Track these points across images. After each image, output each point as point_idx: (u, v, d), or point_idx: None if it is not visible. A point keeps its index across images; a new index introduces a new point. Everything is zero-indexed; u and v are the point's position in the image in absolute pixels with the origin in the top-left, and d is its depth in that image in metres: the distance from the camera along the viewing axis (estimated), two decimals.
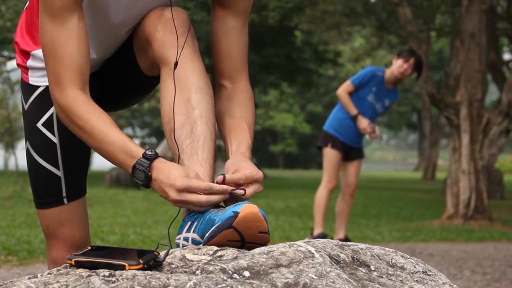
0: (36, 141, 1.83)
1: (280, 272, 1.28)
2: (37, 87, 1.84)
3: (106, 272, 1.25)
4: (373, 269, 1.41)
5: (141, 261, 1.27)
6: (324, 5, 16.69)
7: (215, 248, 1.38)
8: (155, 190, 1.51)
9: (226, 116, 1.72)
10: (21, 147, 16.99)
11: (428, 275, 1.43)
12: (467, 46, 8.94)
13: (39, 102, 1.83)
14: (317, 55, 20.48)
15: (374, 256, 1.45)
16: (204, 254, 1.35)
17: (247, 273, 1.27)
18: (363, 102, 5.67)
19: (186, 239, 1.49)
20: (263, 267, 1.29)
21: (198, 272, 1.28)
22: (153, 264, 1.29)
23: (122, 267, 1.26)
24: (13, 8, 13.52)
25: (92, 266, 1.28)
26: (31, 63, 1.83)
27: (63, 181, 1.84)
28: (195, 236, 1.47)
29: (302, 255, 1.34)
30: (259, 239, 1.42)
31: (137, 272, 1.24)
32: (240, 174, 1.51)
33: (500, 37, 17.82)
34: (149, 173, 1.49)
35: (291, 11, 17.58)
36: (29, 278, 1.28)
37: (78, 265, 1.30)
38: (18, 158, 12.60)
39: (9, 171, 17.66)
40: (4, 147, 22.02)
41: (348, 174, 5.82)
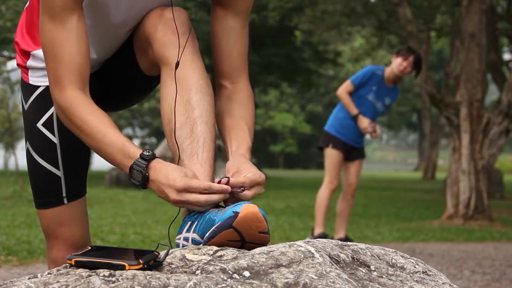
0: (36, 141, 1.83)
1: (280, 272, 1.28)
2: (37, 87, 1.84)
3: (106, 272, 1.25)
4: (373, 269, 1.41)
5: (141, 261, 1.27)
6: (324, 5, 16.69)
7: (215, 248, 1.38)
8: (153, 191, 1.51)
9: (226, 116, 1.72)
10: (21, 147, 16.98)
11: (428, 275, 1.43)
12: (467, 46, 8.94)
13: (39, 102, 1.83)
14: (317, 55, 20.48)
15: (374, 256, 1.45)
16: (204, 254, 1.35)
17: (247, 273, 1.27)
18: (364, 102, 5.67)
19: (186, 239, 1.49)
20: (263, 267, 1.29)
21: (198, 272, 1.28)
22: (153, 264, 1.29)
23: (122, 267, 1.26)
24: (13, 8, 13.51)
25: (92, 266, 1.28)
26: (31, 63, 1.83)
27: (63, 181, 1.84)
28: (195, 236, 1.47)
29: (302, 255, 1.34)
30: (259, 239, 1.42)
31: (137, 272, 1.24)
32: (244, 178, 1.51)
33: (500, 37, 17.82)
34: (146, 174, 1.48)
35: (291, 11, 17.57)
36: (29, 278, 1.28)
37: (78, 265, 1.30)
38: (18, 158, 12.60)
39: (9, 171, 17.66)
40: (4, 147, 22.03)
41: (350, 174, 5.82)
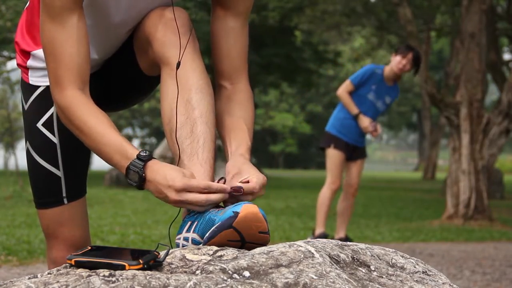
0: (36, 141, 1.83)
1: (280, 272, 1.28)
2: (37, 87, 1.84)
3: (106, 272, 1.25)
4: (373, 269, 1.41)
5: (141, 261, 1.27)
6: (324, 5, 16.68)
7: (215, 248, 1.38)
8: (150, 192, 1.50)
9: (225, 117, 1.71)
10: (21, 147, 16.99)
11: (428, 275, 1.43)
12: (467, 46, 8.94)
13: (39, 102, 1.83)
14: (317, 55, 20.48)
15: (374, 256, 1.45)
16: (204, 254, 1.35)
17: (247, 273, 1.27)
18: (364, 101, 5.67)
19: (186, 239, 1.49)
20: (263, 267, 1.29)
21: (198, 272, 1.28)
22: (153, 264, 1.29)
23: (122, 267, 1.26)
24: (13, 8, 13.51)
25: (92, 266, 1.28)
26: (32, 63, 1.83)
27: (63, 181, 1.84)
28: (195, 236, 1.47)
29: (302, 255, 1.34)
30: (259, 239, 1.42)
31: (137, 272, 1.24)
32: (254, 183, 1.51)
33: (500, 37, 17.81)
34: (143, 174, 1.48)
35: (291, 11, 17.57)
36: (29, 278, 1.28)
37: (78, 265, 1.30)
38: (18, 158, 12.60)
39: (9, 171, 17.68)
40: (4, 147, 22.03)
41: (351, 174, 5.81)
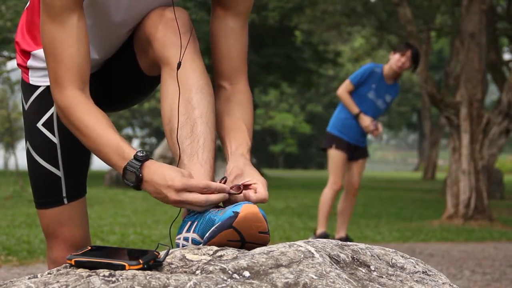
0: (36, 141, 1.83)
1: (280, 272, 1.28)
2: (38, 87, 1.83)
3: (106, 272, 1.25)
4: (373, 269, 1.41)
5: (141, 261, 1.27)
6: (324, 5, 16.68)
7: (215, 248, 1.38)
8: (148, 192, 1.50)
9: (225, 117, 1.71)
10: (21, 147, 16.98)
11: (428, 275, 1.43)
12: (467, 46, 8.94)
13: (39, 102, 1.83)
14: (317, 55, 20.48)
15: (374, 256, 1.45)
16: (204, 254, 1.35)
17: (247, 273, 1.27)
18: (364, 100, 5.66)
19: (186, 239, 1.49)
20: (263, 267, 1.29)
21: (198, 272, 1.28)
22: (153, 264, 1.29)
23: (122, 267, 1.26)
24: (13, 8, 13.51)
25: (92, 266, 1.28)
26: (32, 63, 1.83)
27: (63, 181, 1.84)
28: (195, 236, 1.47)
29: (302, 255, 1.34)
30: (259, 239, 1.42)
31: (137, 272, 1.24)
32: (263, 193, 1.51)
33: (500, 37, 17.81)
34: (140, 175, 1.48)
35: (291, 11, 17.57)
36: (29, 278, 1.28)
37: (78, 265, 1.30)
38: (18, 158, 12.60)
39: (9, 171, 17.67)
40: (4, 147, 22.02)
41: (352, 174, 5.80)
